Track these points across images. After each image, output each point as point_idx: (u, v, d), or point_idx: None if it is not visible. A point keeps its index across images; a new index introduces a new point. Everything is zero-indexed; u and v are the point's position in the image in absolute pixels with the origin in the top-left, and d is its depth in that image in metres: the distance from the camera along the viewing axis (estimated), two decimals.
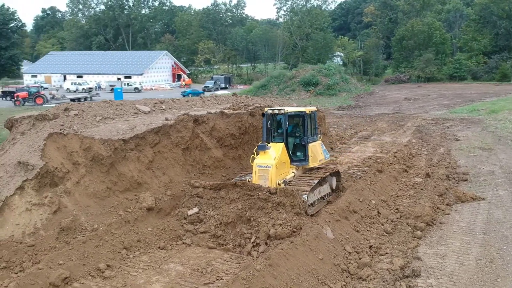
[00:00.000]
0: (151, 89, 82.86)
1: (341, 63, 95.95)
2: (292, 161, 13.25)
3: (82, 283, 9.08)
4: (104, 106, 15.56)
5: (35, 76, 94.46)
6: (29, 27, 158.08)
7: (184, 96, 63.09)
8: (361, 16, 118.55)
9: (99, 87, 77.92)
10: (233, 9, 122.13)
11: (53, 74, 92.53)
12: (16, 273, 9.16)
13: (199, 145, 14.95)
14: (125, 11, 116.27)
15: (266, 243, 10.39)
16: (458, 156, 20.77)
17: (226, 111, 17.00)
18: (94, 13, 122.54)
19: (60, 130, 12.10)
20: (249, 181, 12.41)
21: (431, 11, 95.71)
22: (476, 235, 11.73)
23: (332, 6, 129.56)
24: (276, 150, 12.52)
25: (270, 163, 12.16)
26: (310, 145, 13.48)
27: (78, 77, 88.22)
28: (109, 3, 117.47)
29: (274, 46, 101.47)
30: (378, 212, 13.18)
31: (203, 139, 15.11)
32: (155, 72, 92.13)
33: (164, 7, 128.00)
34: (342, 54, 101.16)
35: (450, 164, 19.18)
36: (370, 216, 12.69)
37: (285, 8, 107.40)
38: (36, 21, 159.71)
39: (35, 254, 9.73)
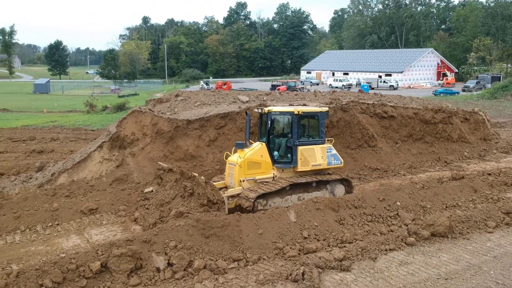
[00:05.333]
0: (409, 87, 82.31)
1: None
2: (274, 162, 12.90)
3: (101, 215, 12.71)
4: (210, 94, 19.03)
5: (309, 73, 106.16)
6: (327, 28, 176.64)
7: (435, 95, 62.04)
8: None
9: (359, 84, 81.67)
10: None
11: (323, 71, 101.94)
12: (69, 201, 13.45)
13: None
14: (401, 10, 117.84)
15: None
16: None
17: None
18: (372, 13, 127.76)
19: (142, 108, 16.10)
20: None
21: None
22: (482, 256, 10.34)
23: None
24: (251, 150, 12.71)
25: (236, 161, 12.51)
26: (300, 148, 12.87)
27: (344, 74, 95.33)
28: (386, 2, 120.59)
29: None
30: (397, 215, 12.64)
31: None
32: (417, 70, 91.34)
33: (441, 3, 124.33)
34: None
35: None
36: (377, 215, 12.33)
37: None
38: (331, 22, 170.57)
39: (90, 192, 13.90)
